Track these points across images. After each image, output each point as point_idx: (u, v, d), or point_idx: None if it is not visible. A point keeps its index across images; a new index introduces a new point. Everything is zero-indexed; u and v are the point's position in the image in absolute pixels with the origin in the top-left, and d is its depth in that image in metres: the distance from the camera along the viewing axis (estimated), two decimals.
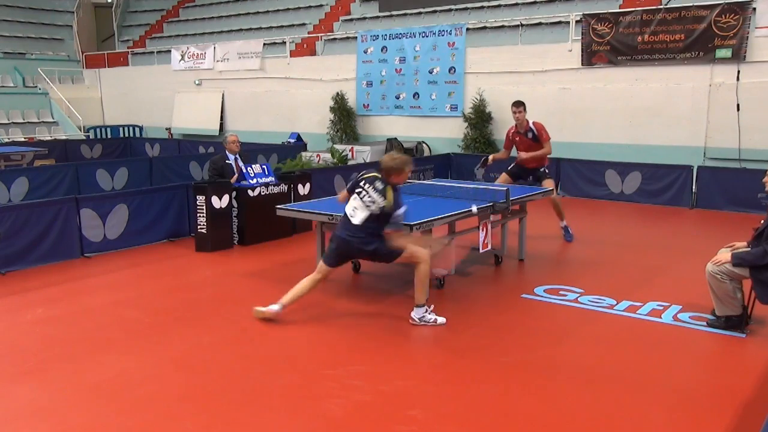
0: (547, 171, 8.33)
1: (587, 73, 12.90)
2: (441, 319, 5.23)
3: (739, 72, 11.26)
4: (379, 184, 5.13)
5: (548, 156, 8.29)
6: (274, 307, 5.27)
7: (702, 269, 5.10)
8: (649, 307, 5.65)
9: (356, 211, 5.12)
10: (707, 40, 11.50)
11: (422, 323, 5.18)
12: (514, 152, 8.54)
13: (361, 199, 5.14)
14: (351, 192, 5.32)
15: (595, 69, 12.78)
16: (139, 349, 4.83)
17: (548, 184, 8.11)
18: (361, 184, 5.24)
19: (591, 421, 3.75)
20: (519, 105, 8.18)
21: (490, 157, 8.67)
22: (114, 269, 7.10)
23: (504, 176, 8.52)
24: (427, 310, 5.22)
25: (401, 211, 5.09)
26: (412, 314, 5.21)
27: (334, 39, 17.73)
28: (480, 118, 13.82)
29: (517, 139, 8.27)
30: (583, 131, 12.92)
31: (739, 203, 10.04)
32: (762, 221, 4.93)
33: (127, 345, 4.90)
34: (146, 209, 8.08)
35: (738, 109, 11.23)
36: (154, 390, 4.15)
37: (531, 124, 8.17)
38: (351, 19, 18.47)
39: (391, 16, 17.43)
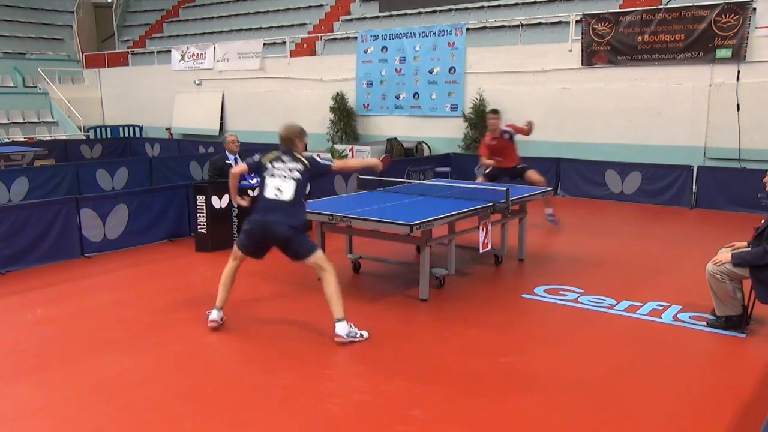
0: (524, 165, 9.01)
1: (587, 73, 12.89)
2: (365, 333, 4.92)
3: (739, 72, 11.26)
4: (286, 156, 5.14)
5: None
6: (214, 314, 5.16)
7: (702, 269, 5.10)
8: (649, 307, 5.65)
9: (283, 187, 4.97)
10: (707, 40, 11.49)
11: (350, 339, 4.81)
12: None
13: (278, 176, 5.03)
14: (253, 171, 5.25)
15: (595, 69, 12.78)
16: (139, 349, 4.83)
17: (532, 174, 8.84)
18: (267, 165, 5.13)
19: (591, 421, 3.75)
20: (496, 113, 9.12)
21: (491, 163, 8.96)
22: (114, 269, 7.10)
23: (481, 179, 9.02)
24: (350, 325, 4.88)
25: (319, 160, 5.19)
26: (337, 331, 4.80)
27: (334, 39, 17.73)
28: (480, 118, 13.79)
29: (495, 143, 8.90)
30: (583, 131, 12.92)
31: (739, 203, 10.04)
32: (763, 220, 4.93)
33: (127, 345, 4.91)
34: (146, 209, 8.08)
35: (738, 109, 11.23)
36: (154, 390, 4.15)
37: (504, 127, 8.99)
38: (351, 19, 18.47)
39: (391, 16, 17.42)
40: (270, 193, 5.00)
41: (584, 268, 7.01)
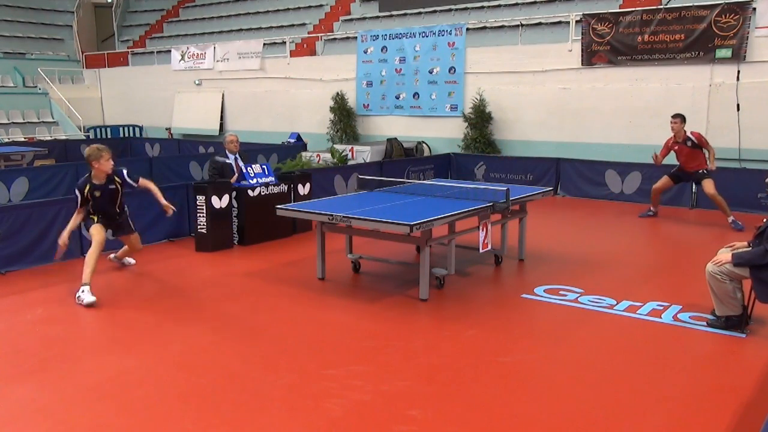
0: (706, 171, 9.06)
1: (587, 73, 12.90)
2: (90, 299, 5.75)
3: (739, 72, 11.26)
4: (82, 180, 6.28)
5: (711, 158, 9.12)
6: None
7: (702, 269, 5.10)
8: (649, 307, 5.65)
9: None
10: (707, 40, 11.50)
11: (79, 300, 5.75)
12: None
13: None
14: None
15: (595, 69, 12.78)
16: (139, 349, 4.83)
17: (707, 184, 8.94)
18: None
19: (591, 421, 3.75)
20: (678, 116, 9.11)
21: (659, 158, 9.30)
22: (114, 269, 7.10)
23: (665, 178, 9.45)
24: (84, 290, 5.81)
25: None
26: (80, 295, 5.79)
27: (334, 39, 17.73)
28: (480, 118, 13.82)
29: (676, 148, 9.14)
30: (583, 131, 12.93)
31: (739, 203, 10.02)
32: (765, 220, 4.93)
33: (127, 345, 4.91)
34: (146, 209, 8.07)
35: (738, 109, 11.23)
36: (154, 390, 4.15)
37: (689, 134, 9.04)
38: (351, 19, 18.47)
39: (391, 16, 17.43)
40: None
41: (584, 268, 7.01)
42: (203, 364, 4.56)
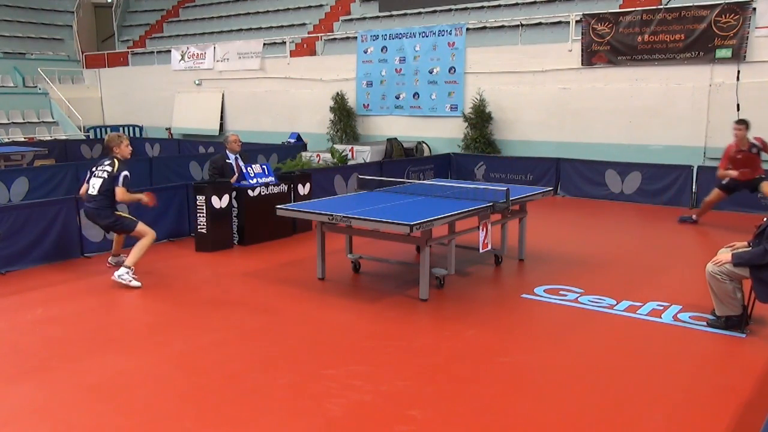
0: (763, 176, 8.48)
1: (587, 73, 12.89)
2: (136, 283, 6.24)
3: (739, 72, 11.26)
4: (106, 160, 6.54)
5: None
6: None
7: (702, 269, 5.10)
8: (649, 307, 5.65)
9: (94, 184, 6.44)
10: (707, 40, 11.49)
11: (120, 280, 6.22)
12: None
13: (96, 176, 6.47)
14: (88, 181, 6.55)
15: (595, 69, 12.78)
16: (139, 349, 4.83)
17: (766, 186, 8.41)
18: (93, 170, 6.56)
19: (591, 421, 3.75)
20: (743, 123, 8.40)
21: (733, 174, 8.54)
22: (114, 269, 7.09)
23: (717, 192, 8.84)
24: (129, 272, 6.26)
25: (121, 173, 6.39)
26: (116, 272, 6.29)
27: (334, 39, 17.73)
28: (480, 118, 13.81)
29: (740, 156, 8.41)
30: (583, 131, 12.92)
31: (739, 203, 10.03)
32: (765, 219, 4.94)
33: (127, 345, 4.91)
34: (146, 209, 8.05)
35: (738, 109, 11.22)
36: (154, 390, 4.15)
37: (753, 140, 8.42)
38: (351, 19, 18.47)
39: (391, 16, 17.42)
40: (90, 187, 6.48)
41: (584, 268, 7.00)
42: (203, 364, 4.56)
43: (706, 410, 3.88)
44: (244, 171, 8.40)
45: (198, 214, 7.85)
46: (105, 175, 6.39)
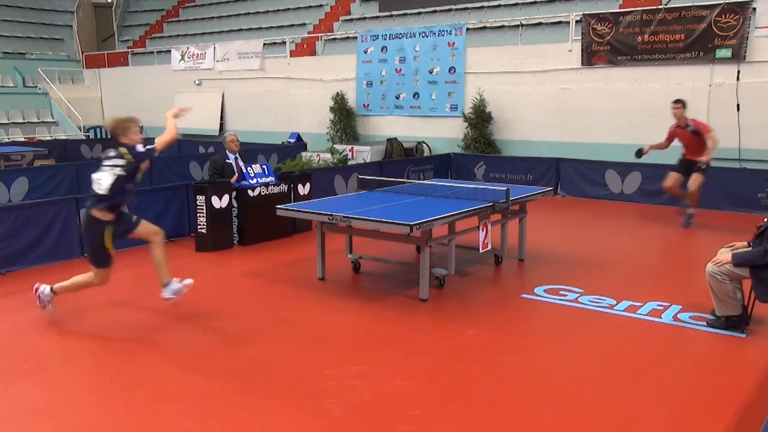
0: (702, 166, 8.92)
1: (587, 73, 12.89)
2: (188, 280, 5.57)
3: (739, 72, 11.26)
4: (111, 152, 5.24)
5: (710, 149, 8.92)
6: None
7: (702, 269, 5.10)
8: (649, 307, 5.65)
9: (100, 181, 5.13)
10: (707, 40, 11.49)
11: (174, 296, 5.46)
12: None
13: (103, 170, 5.17)
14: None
15: (595, 69, 12.78)
16: (139, 349, 4.83)
17: (695, 178, 8.91)
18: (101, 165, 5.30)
19: (591, 421, 3.75)
20: (678, 102, 9.15)
21: (647, 148, 9.48)
22: (114, 269, 7.05)
23: (672, 174, 9.31)
24: (176, 281, 5.48)
25: (139, 152, 5.25)
26: (164, 294, 5.45)
27: (334, 39, 17.72)
28: (480, 118, 13.81)
29: (675, 130, 9.20)
30: (583, 131, 12.92)
31: (739, 203, 10.04)
32: (765, 219, 4.94)
33: (127, 345, 4.91)
34: (146, 209, 8.06)
35: (738, 109, 11.23)
36: (154, 390, 4.15)
37: (689, 120, 9.06)
38: (351, 19, 18.47)
39: (391, 16, 17.42)
40: (93, 186, 5.20)
41: (584, 268, 7.00)
42: (203, 364, 4.56)
43: (706, 410, 3.88)
44: (244, 171, 8.40)
45: (198, 214, 7.85)
46: (119, 171, 5.14)
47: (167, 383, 4.26)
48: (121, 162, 5.16)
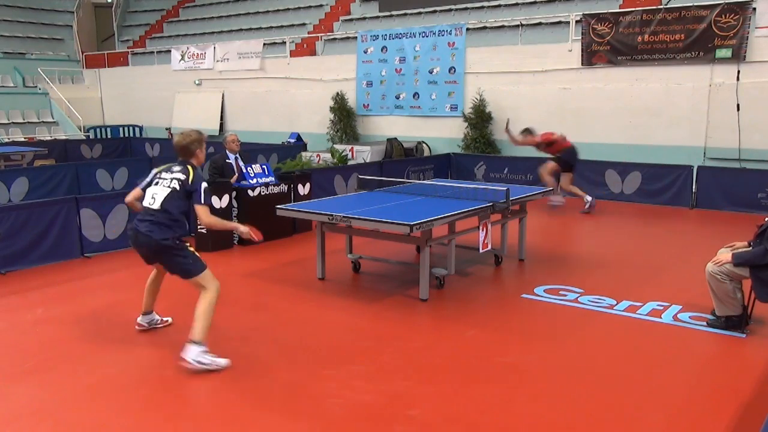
0: (552, 158, 10.35)
1: (587, 73, 12.89)
2: (222, 361, 4.41)
3: (739, 72, 11.26)
4: (177, 166, 4.74)
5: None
6: (139, 318, 5.13)
7: (702, 269, 5.10)
8: (649, 307, 5.65)
9: (156, 195, 4.61)
10: (707, 40, 11.49)
11: (197, 364, 4.33)
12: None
13: (161, 184, 4.67)
14: (145, 189, 4.79)
15: (595, 69, 12.78)
16: (139, 348, 4.83)
17: (542, 168, 10.51)
18: (158, 175, 4.78)
19: (591, 421, 3.75)
20: (526, 131, 10.66)
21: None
22: (114, 269, 7.10)
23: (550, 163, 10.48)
24: (205, 350, 4.38)
25: (201, 186, 4.59)
26: (187, 355, 4.35)
27: (334, 39, 17.73)
28: (480, 118, 13.82)
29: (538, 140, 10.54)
30: (583, 131, 12.90)
31: (739, 203, 10.04)
32: (766, 219, 4.94)
33: (127, 345, 4.90)
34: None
35: (738, 109, 11.23)
36: (154, 390, 4.15)
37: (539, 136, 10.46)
38: (351, 19, 18.47)
39: (391, 16, 17.42)
40: (147, 198, 4.68)
41: (584, 268, 7.00)
42: None
43: (706, 410, 3.88)
44: (244, 171, 8.40)
45: None
46: (176, 185, 4.57)
47: (167, 383, 4.25)
48: (183, 177, 4.62)
